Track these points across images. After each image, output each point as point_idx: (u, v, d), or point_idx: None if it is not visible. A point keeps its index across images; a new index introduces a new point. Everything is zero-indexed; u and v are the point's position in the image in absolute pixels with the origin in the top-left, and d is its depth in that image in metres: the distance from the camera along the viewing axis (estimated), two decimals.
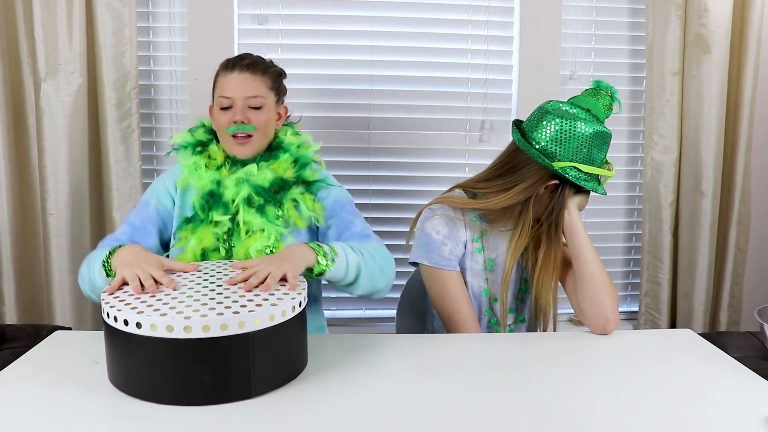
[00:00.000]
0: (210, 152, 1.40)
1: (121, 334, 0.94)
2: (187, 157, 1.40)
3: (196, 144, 1.42)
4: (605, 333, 1.29)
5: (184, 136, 1.44)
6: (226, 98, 1.37)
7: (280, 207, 1.37)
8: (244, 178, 1.37)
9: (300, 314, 1.03)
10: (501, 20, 2.04)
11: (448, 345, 1.25)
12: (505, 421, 0.93)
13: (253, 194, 1.36)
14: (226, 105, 1.37)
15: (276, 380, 0.99)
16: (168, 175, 1.45)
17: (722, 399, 1.01)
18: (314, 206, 1.40)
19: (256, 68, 1.41)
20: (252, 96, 1.39)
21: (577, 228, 1.32)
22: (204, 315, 0.92)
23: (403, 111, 2.05)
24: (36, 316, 1.98)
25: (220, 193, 1.37)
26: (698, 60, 1.96)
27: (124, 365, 0.96)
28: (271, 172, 1.38)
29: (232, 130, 1.37)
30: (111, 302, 0.98)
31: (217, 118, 1.38)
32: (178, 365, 0.92)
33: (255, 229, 1.35)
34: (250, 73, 1.41)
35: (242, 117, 1.37)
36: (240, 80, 1.39)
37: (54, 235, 1.87)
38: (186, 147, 1.42)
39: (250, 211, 1.36)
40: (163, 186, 1.43)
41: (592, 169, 1.29)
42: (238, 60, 1.41)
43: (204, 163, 1.39)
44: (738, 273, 2.10)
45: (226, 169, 1.39)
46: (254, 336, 0.94)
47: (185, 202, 1.41)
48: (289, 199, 1.38)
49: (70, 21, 1.80)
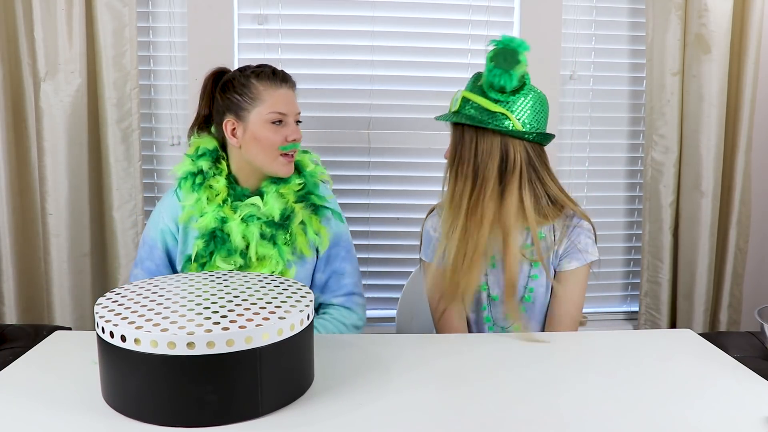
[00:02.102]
0: (211, 183, 1.36)
1: (118, 351, 0.88)
2: (188, 193, 1.36)
3: (197, 173, 1.37)
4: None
5: (186, 165, 1.38)
6: (282, 114, 1.34)
7: (288, 232, 1.37)
8: (250, 214, 1.34)
9: (308, 327, 0.99)
10: (501, 20, 2.04)
11: (448, 345, 1.25)
12: (505, 421, 0.93)
13: (265, 228, 1.35)
14: (277, 120, 1.34)
15: (284, 398, 0.95)
16: (166, 209, 1.41)
17: (722, 399, 1.01)
18: (320, 228, 1.41)
19: (293, 85, 1.40)
20: (298, 113, 1.39)
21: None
22: (208, 330, 0.87)
23: (403, 111, 2.05)
24: (36, 316, 1.98)
25: (225, 233, 1.34)
26: (698, 60, 1.96)
27: (121, 384, 0.91)
28: (279, 201, 1.35)
29: (288, 148, 1.34)
30: (105, 315, 0.92)
31: (267, 134, 1.33)
32: (180, 384, 0.87)
33: (266, 258, 1.35)
34: (292, 89, 1.39)
35: (299, 134, 1.35)
36: (290, 96, 1.37)
37: (54, 235, 1.87)
38: (186, 178, 1.37)
39: (263, 244, 1.34)
40: (165, 225, 1.40)
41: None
42: (279, 75, 1.37)
43: (206, 197, 1.35)
44: (738, 273, 2.10)
45: (230, 204, 1.35)
46: (262, 351, 0.89)
47: (188, 237, 1.38)
48: (297, 222, 1.38)
49: (70, 21, 1.80)
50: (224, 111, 1.38)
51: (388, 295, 2.12)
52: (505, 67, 1.28)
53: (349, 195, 2.05)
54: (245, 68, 1.40)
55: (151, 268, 1.41)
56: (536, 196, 1.33)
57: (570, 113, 2.11)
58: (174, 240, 1.40)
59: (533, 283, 1.39)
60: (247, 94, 1.34)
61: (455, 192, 1.32)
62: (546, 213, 1.34)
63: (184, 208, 1.37)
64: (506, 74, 1.28)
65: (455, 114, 1.33)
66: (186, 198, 1.36)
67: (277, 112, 1.34)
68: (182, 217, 1.37)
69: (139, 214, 1.92)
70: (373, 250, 2.10)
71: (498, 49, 1.30)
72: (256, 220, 1.34)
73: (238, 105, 1.35)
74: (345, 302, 1.48)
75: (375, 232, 2.09)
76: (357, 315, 1.49)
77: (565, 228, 1.37)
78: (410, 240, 2.07)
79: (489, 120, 1.29)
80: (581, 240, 1.37)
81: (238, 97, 1.35)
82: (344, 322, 1.45)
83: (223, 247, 1.34)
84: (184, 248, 1.39)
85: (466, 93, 1.33)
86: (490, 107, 1.29)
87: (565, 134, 2.11)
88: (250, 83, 1.35)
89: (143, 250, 1.43)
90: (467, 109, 1.32)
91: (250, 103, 1.34)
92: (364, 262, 2.09)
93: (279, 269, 1.35)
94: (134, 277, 1.43)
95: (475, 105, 1.31)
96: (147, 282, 1.09)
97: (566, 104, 2.10)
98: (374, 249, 2.10)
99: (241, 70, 1.40)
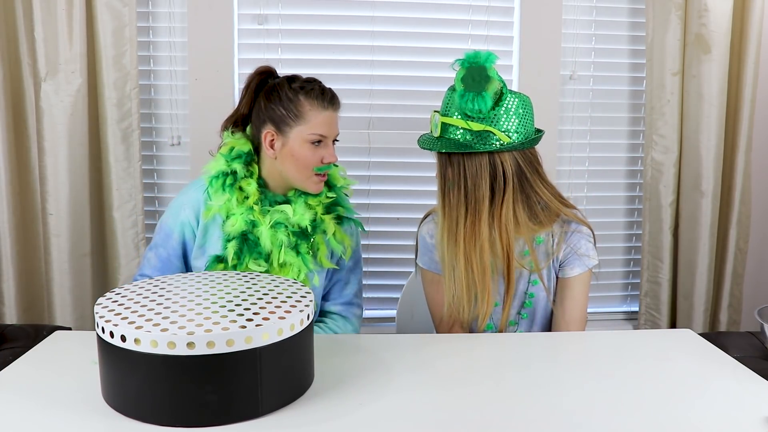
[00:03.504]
0: (242, 185, 1.36)
1: (118, 351, 0.88)
2: (218, 193, 1.35)
3: (230, 173, 1.36)
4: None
5: (219, 164, 1.37)
6: (323, 136, 1.34)
7: (311, 241, 1.37)
8: (279, 221, 1.34)
9: (308, 327, 0.98)
10: (501, 20, 2.04)
11: (449, 345, 1.25)
12: (506, 421, 0.93)
13: (291, 237, 1.35)
14: (317, 140, 1.34)
15: (284, 398, 0.95)
16: (189, 202, 1.39)
17: (722, 399, 1.01)
18: (344, 238, 1.42)
19: (338, 106, 1.39)
20: (337, 134, 1.40)
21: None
22: (208, 330, 0.87)
23: (403, 111, 2.05)
24: (36, 316, 1.98)
25: (255, 237, 1.34)
26: (698, 60, 1.96)
27: (121, 384, 0.90)
28: (308, 211, 1.36)
29: (323, 169, 1.35)
30: (106, 315, 0.92)
31: (305, 153, 1.33)
32: (180, 384, 0.87)
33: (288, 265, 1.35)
34: (337, 111, 1.39)
35: (335, 158, 1.35)
36: (334, 118, 1.37)
37: (54, 235, 1.87)
38: (218, 177, 1.36)
39: (287, 252, 1.35)
40: (186, 218, 1.39)
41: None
42: (328, 95, 1.36)
43: (235, 198, 1.34)
44: (738, 273, 2.10)
45: (259, 209, 1.35)
46: (262, 351, 0.89)
47: (208, 233, 1.38)
48: (327, 232, 1.39)
49: (70, 21, 1.80)
50: (266, 120, 1.36)
51: (388, 295, 2.12)
52: (476, 89, 1.22)
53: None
54: (294, 79, 1.37)
55: (162, 255, 1.40)
56: (530, 205, 1.29)
57: (570, 113, 2.11)
58: (192, 233, 1.39)
59: (534, 288, 1.39)
60: (293, 110, 1.33)
61: (450, 220, 1.28)
62: (542, 220, 1.31)
63: (210, 206, 1.36)
64: (479, 96, 1.22)
65: (439, 140, 1.27)
66: (215, 197, 1.35)
67: (318, 134, 1.33)
68: (207, 213, 1.37)
69: (139, 214, 1.92)
70: (373, 250, 2.10)
71: (465, 69, 1.24)
72: (283, 228, 1.35)
73: (281, 118, 1.34)
74: (343, 311, 1.49)
75: (375, 232, 2.09)
76: (353, 326, 1.50)
77: (564, 233, 1.36)
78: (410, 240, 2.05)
79: (475, 142, 1.23)
80: (582, 245, 1.36)
81: (283, 111, 1.33)
82: (337, 332, 1.46)
83: (255, 250, 1.34)
84: (203, 242, 1.38)
85: (445, 119, 1.26)
86: (472, 127, 1.23)
87: (565, 134, 2.11)
88: (297, 99, 1.33)
89: (159, 236, 1.41)
90: (450, 133, 1.26)
91: (294, 119, 1.33)
92: (364, 262, 2.08)
93: (300, 278, 1.36)
94: (147, 259, 1.42)
95: (457, 128, 1.25)
96: (147, 282, 1.09)
97: (566, 104, 2.10)
98: (374, 249, 2.10)
99: (289, 80, 1.37)
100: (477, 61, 1.24)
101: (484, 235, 1.26)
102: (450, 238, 1.28)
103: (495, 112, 1.23)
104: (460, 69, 1.25)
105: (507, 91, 1.26)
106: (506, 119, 1.24)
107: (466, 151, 1.24)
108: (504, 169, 1.25)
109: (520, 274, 1.37)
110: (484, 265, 1.27)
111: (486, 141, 1.23)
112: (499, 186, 1.25)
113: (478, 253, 1.27)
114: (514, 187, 1.26)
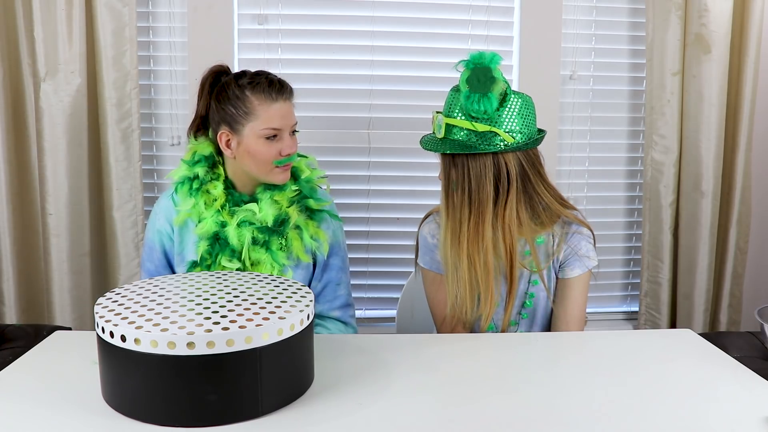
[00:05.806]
0: (209, 188, 1.36)
1: (118, 351, 0.88)
2: (185, 198, 1.36)
3: (193, 177, 1.37)
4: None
5: (182, 170, 1.38)
6: (277, 129, 1.32)
7: (284, 237, 1.37)
8: (245, 220, 1.34)
9: (308, 327, 0.98)
10: (501, 20, 2.04)
11: (449, 345, 1.25)
12: (506, 421, 0.93)
13: (257, 234, 1.35)
14: (272, 135, 1.32)
15: (284, 397, 0.95)
16: (161, 211, 1.42)
17: (722, 399, 1.01)
18: (317, 232, 1.40)
19: (290, 94, 1.37)
20: (294, 123, 1.37)
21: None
22: (208, 330, 0.87)
23: (403, 111, 2.05)
24: (36, 316, 1.98)
25: (225, 235, 1.34)
26: (698, 60, 1.96)
27: (121, 384, 0.91)
28: (274, 207, 1.35)
29: (282, 162, 1.33)
30: (105, 315, 0.92)
31: (260, 149, 1.32)
32: (180, 384, 0.87)
33: (260, 263, 1.35)
34: (289, 101, 1.36)
35: (294, 149, 1.34)
36: (285, 109, 1.34)
37: (54, 235, 1.87)
38: (183, 183, 1.37)
39: (256, 249, 1.35)
40: (162, 226, 1.41)
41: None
42: (276, 86, 1.34)
43: (203, 201, 1.35)
44: (738, 273, 2.10)
45: (227, 210, 1.35)
46: (262, 351, 0.89)
47: (184, 239, 1.40)
48: (293, 227, 1.37)
49: (70, 21, 1.80)
50: (219, 121, 1.36)
51: (388, 295, 2.12)
52: (481, 90, 1.23)
53: (349, 195, 2.05)
54: (241, 75, 1.36)
55: (150, 270, 1.44)
56: (532, 206, 1.30)
57: (570, 113, 2.11)
58: (170, 241, 1.41)
59: (534, 288, 1.39)
60: (242, 108, 1.32)
61: (453, 221, 1.28)
62: (543, 220, 1.32)
63: (180, 211, 1.37)
64: (484, 97, 1.23)
65: (442, 141, 1.28)
66: (183, 203, 1.37)
67: (271, 128, 1.32)
68: (177, 219, 1.38)
69: (139, 214, 1.92)
70: (373, 250, 2.10)
71: (470, 71, 1.25)
72: (248, 226, 1.35)
73: (232, 117, 1.33)
74: (342, 316, 1.49)
75: (375, 232, 2.09)
76: (352, 329, 1.50)
77: (564, 234, 1.36)
78: (410, 240, 2.05)
79: (479, 143, 1.24)
80: (582, 246, 1.36)
81: (233, 110, 1.33)
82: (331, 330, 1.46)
83: (227, 248, 1.35)
84: (180, 249, 1.40)
85: (449, 120, 1.27)
86: (477, 128, 1.24)
87: (565, 134, 2.11)
88: (244, 96, 1.32)
89: (144, 252, 1.45)
90: (454, 134, 1.27)
91: (245, 117, 1.32)
92: (364, 262, 2.09)
93: (275, 274, 1.36)
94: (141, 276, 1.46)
95: (461, 128, 1.26)
96: (147, 282, 1.09)
97: (566, 104, 2.10)
98: (374, 249, 2.10)
99: (237, 77, 1.36)
100: (482, 62, 1.25)
101: (488, 237, 1.26)
102: (453, 239, 1.29)
103: (499, 113, 1.24)
104: (465, 70, 1.26)
105: (511, 91, 1.26)
106: (510, 120, 1.24)
107: (470, 152, 1.24)
108: (508, 170, 1.25)
109: (521, 275, 1.37)
110: (487, 266, 1.28)
111: (490, 142, 1.24)
112: (503, 187, 1.26)
113: (482, 254, 1.27)
114: (517, 187, 1.27)
